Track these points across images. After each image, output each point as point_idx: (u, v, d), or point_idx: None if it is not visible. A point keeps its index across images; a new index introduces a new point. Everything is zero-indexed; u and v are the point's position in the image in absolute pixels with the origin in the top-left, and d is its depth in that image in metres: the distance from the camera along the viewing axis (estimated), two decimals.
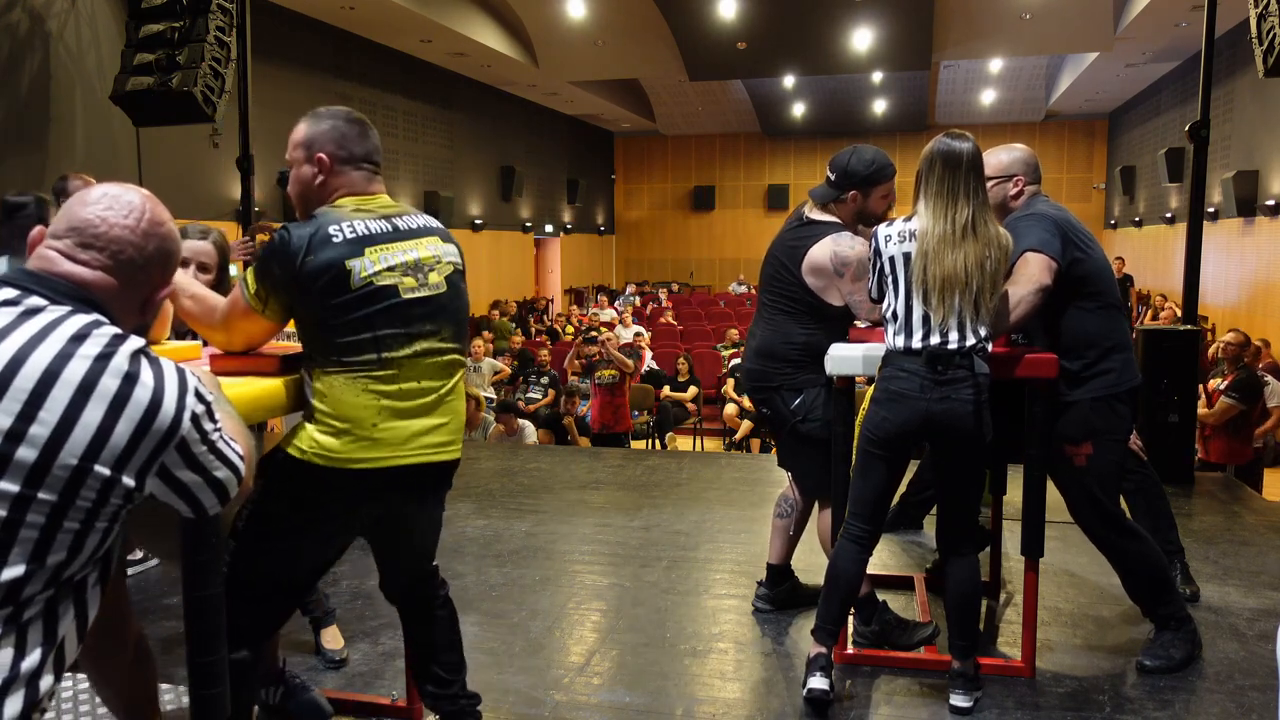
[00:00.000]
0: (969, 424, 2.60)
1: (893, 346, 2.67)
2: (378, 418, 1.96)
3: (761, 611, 3.44)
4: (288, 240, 1.94)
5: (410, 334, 2.00)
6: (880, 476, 2.73)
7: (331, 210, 2.01)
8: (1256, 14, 5.35)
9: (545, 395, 9.35)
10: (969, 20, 13.53)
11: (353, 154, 2.07)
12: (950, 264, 2.56)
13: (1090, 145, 21.42)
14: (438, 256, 2.08)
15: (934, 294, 2.58)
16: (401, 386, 1.98)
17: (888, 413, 2.66)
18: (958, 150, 2.61)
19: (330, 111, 2.10)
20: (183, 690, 2.80)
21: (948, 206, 2.59)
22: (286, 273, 1.93)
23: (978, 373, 2.60)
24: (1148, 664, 2.98)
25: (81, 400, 1.25)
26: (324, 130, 2.06)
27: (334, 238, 1.94)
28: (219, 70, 6.59)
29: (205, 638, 1.81)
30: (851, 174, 3.06)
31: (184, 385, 1.36)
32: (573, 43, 14.35)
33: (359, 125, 2.09)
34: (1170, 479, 5.25)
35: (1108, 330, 2.90)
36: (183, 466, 1.37)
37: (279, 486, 2.01)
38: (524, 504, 4.93)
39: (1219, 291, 12.43)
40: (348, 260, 1.93)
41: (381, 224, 2.02)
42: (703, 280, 23.07)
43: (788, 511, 3.36)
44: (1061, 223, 2.84)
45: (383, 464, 1.98)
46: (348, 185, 2.07)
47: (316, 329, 1.97)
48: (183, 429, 1.34)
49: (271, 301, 1.98)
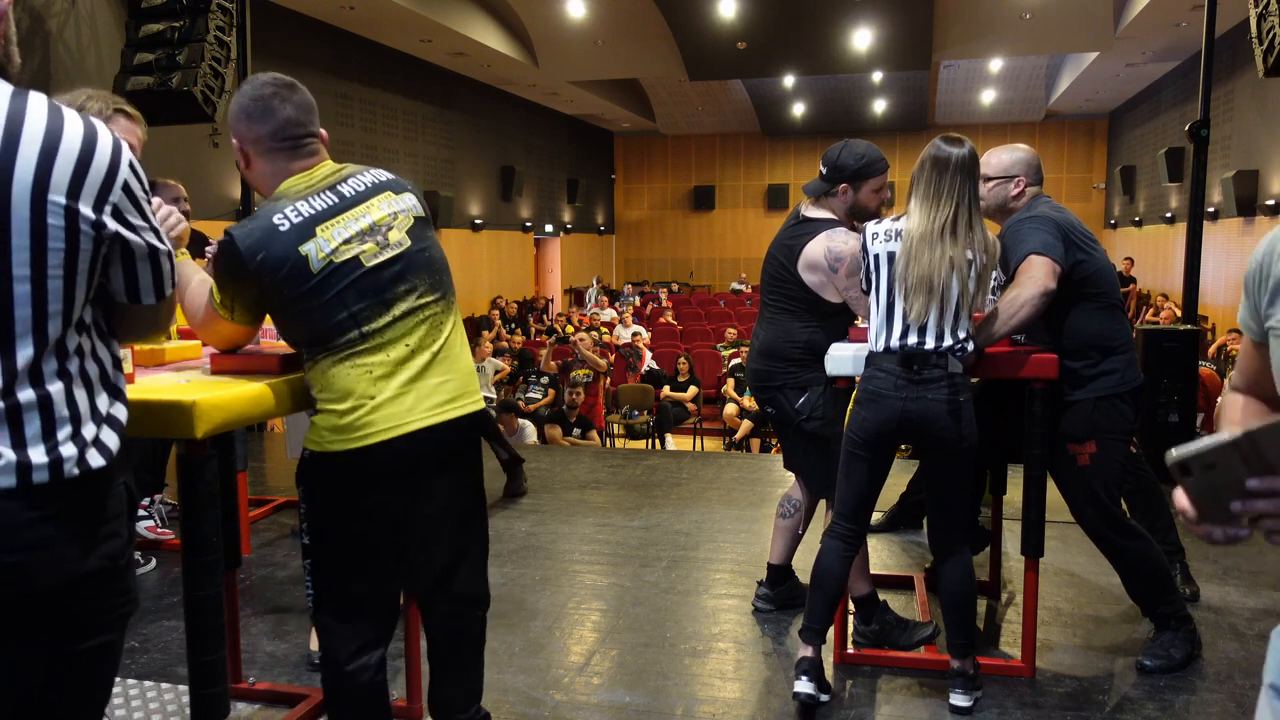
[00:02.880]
0: (944, 424, 2.61)
1: (872, 346, 2.70)
2: (374, 389, 1.89)
3: (761, 611, 3.44)
4: (234, 244, 1.86)
5: (386, 300, 1.91)
6: (862, 476, 2.75)
7: (272, 202, 1.91)
8: (1256, 14, 5.35)
9: (545, 395, 9.35)
10: (969, 20, 13.52)
11: (260, 136, 1.92)
12: (926, 263, 2.58)
13: (1090, 145, 21.42)
14: (394, 213, 1.97)
15: (911, 293, 2.61)
16: (390, 354, 1.91)
17: (867, 413, 2.68)
18: (946, 153, 2.63)
19: (245, 86, 1.94)
20: (183, 690, 2.80)
21: (931, 207, 2.62)
22: (241, 276, 1.88)
23: (951, 373, 2.61)
24: (1148, 664, 2.98)
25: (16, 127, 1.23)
26: (235, 113, 1.94)
27: (280, 227, 1.86)
28: (219, 70, 6.59)
29: (205, 637, 1.81)
30: (841, 167, 3.08)
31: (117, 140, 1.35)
32: (572, 42, 14.35)
33: (263, 101, 1.92)
34: (1170, 479, 5.25)
35: (1111, 330, 2.91)
36: (134, 213, 1.35)
37: (316, 489, 1.98)
38: (524, 504, 4.93)
39: (1219, 291, 12.43)
40: (300, 246, 1.85)
41: (327, 196, 1.92)
42: (702, 280, 23.07)
43: (790, 512, 3.36)
44: (1063, 225, 2.84)
45: (394, 433, 1.90)
46: (274, 169, 1.94)
47: (292, 320, 1.93)
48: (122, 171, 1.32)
49: (238, 307, 1.95)
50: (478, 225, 16.14)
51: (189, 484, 1.81)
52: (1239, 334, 8.11)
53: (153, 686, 2.87)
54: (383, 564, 2.02)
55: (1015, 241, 2.82)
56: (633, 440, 9.20)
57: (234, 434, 2.43)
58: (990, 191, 3.00)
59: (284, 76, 1.98)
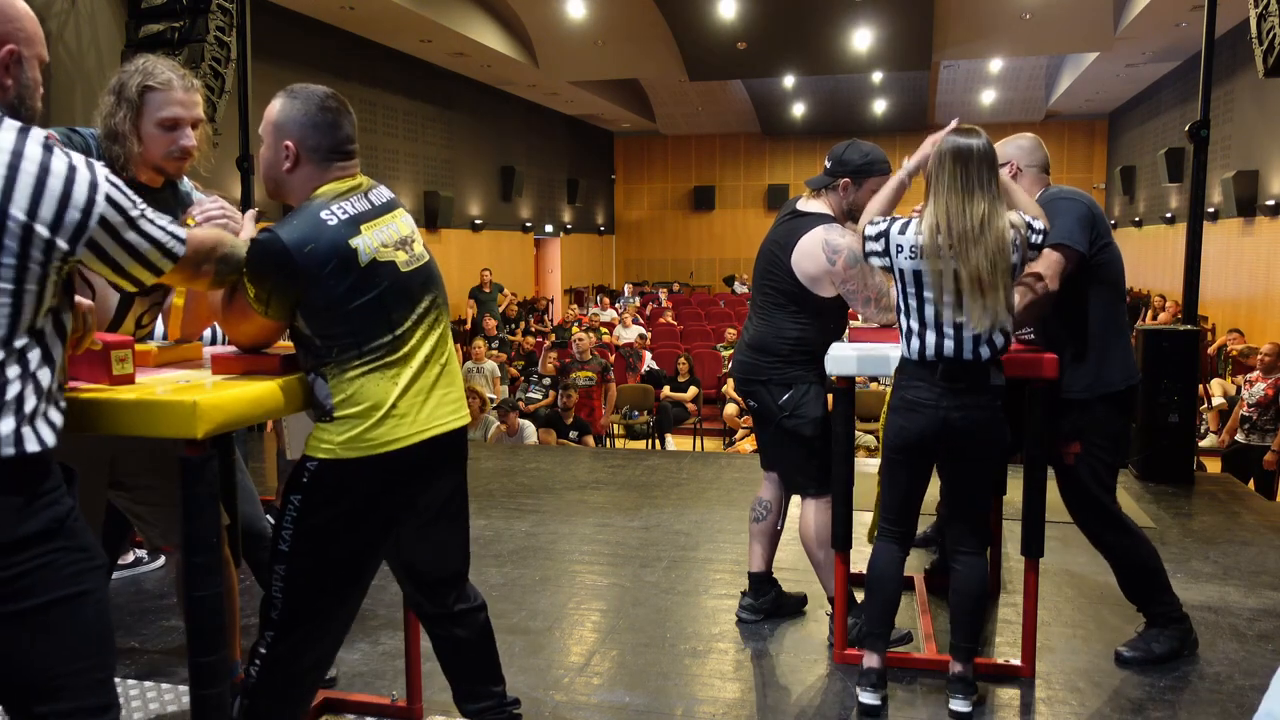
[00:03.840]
0: (987, 434, 2.59)
1: (908, 354, 2.64)
2: (398, 398, 1.98)
3: (746, 622, 3.38)
4: (277, 239, 1.89)
5: (413, 305, 2.03)
6: (904, 481, 2.72)
7: (313, 202, 1.97)
8: (1256, 14, 5.35)
9: (545, 395, 9.35)
10: (969, 20, 13.52)
11: (320, 145, 2.01)
12: (975, 264, 2.49)
13: (1090, 145, 21.42)
14: (411, 227, 2.11)
15: (968, 297, 2.50)
16: (412, 364, 2.01)
17: (905, 421, 2.64)
18: (967, 145, 2.54)
19: (307, 94, 2.03)
20: (183, 690, 2.80)
21: (964, 201, 2.51)
22: (286, 269, 1.89)
23: (994, 384, 2.58)
24: (1125, 654, 3.01)
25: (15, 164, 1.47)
26: (296, 116, 2.01)
27: (328, 221, 1.93)
28: (219, 70, 6.59)
29: (205, 637, 1.81)
30: (845, 162, 3.08)
31: (94, 169, 1.56)
32: (572, 43, 14.35)
33: (332, 112, 2.03)
34: (1170, 479, 5.25)
35: (1114, 325, 2.90)
36: (111, 242, 1.58)
37: (319, 498, 1.97)
38: (524, 504, 4.93)
39: (1219, 291, 12.42)
40: (350, 240, 1.93)
41: (363, 201, 2.02)
42: (703, 280, 23.07)
43: (763, 514, 3.32)
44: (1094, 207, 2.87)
45: (410, 441, 1.99)
46: (319, 177, 2.02)
47: (331, 318, 1.93)
48: (98, 206, 1.54)
49: (274, 303, 1.95)
50: (478, 225, 16.14)
51: (189, 484, 1.81)
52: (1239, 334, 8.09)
53: (153, 686, 2.87)
54: (365, 579, 2.10)
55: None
56: (633, 440, 9.20)
57: (232, 435, 2.43)
58: None
59: (334, 91, 2.10)
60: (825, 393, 3.14)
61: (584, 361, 8.73)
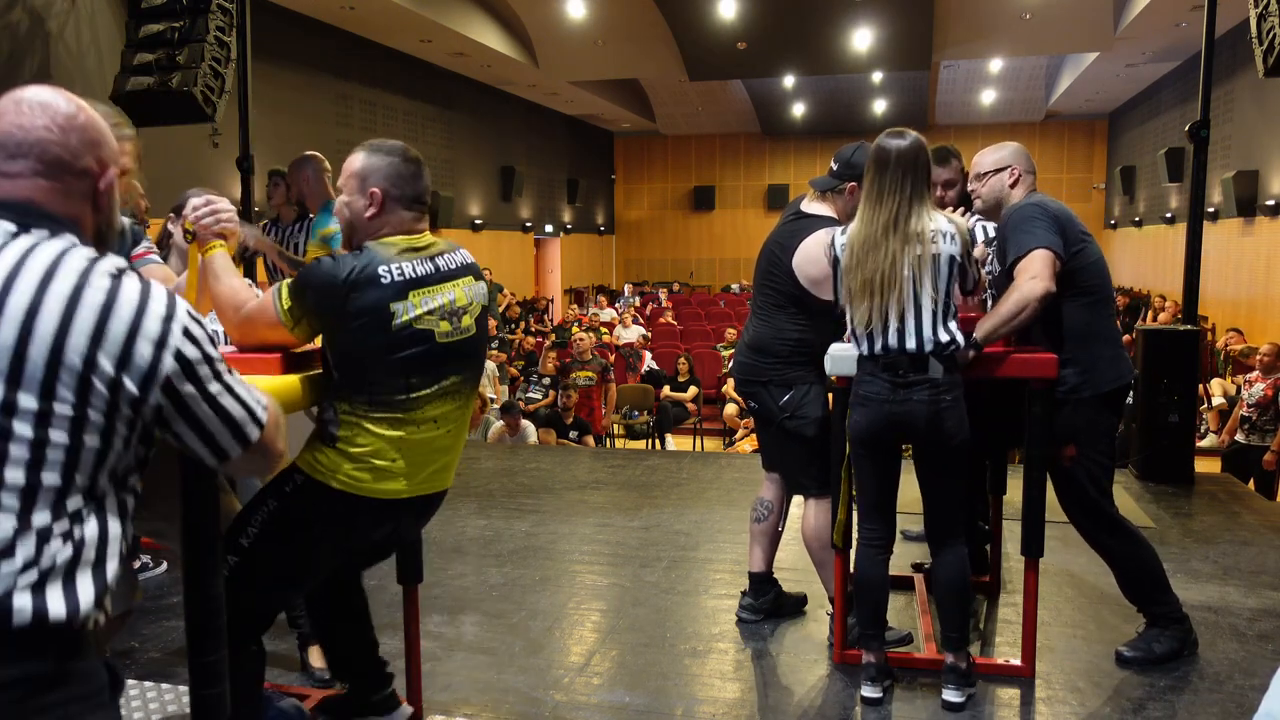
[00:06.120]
0: (929, 425, 2.63)
1: (861, 350, 2.72)
2: (398, 454, 2.03)
3: (745, 621, 3.39)
4: (335, 272, 1.95)
5: (437, 376, 2.06)
6: (869, 477, 2.78)
7: (380, 248, 2.02)
8: (1256, 14, 5.35)
9: (545, 395, 9.35)
10: (969, 20, 13.52)
11: (404, 194, 2.09)
12: (872, 268, 2.59)
13: (1090, 145, 21.41)
14: (470, 298, 2.13)
15: (856, 298, 2.64)
16: (421, 425, 2.05)
17: (858, 415, 2.73)
18: (887, 149, 2.62)
19: (389, 147, 2.13)
20: (183, 690, 2.80)
21: (873, 208, 2.63)
22: (326, 303, 1.96)
23: (932, 375, 2.61)
24: (1125, 654, 3.01)
25: (73, 305, 1.26)
26: (381, 166, 2.09)
27: (382, 278, 1.97)
28: (219, 70, 6.58)
29: (205, 638, 1.81)
30: (854, 166, 3.07)
31: (173, 298, 1.36)
32: (572, 43, 14.35)
33: (415, 165, 2.12)
34: (1170, 479, 5.25)
35: (1094, 328, 2.90)
36: (190, 389, 1.35)
37: (293, 509, 2.04)
38: (524, 504, 4.93)
39: (1219, 291, 12.42)
40: (392, 304, 1.97)
41: (427, 265, 2.05)
42: (702, 280, 23.07)
43: (764, 515, 3.33)
44: (1061, 215, 2.85)
45: (397, 496, 2.06)
46: (397, 224, 2.08)
47: (354, 361, 2.01)
48: (173, 337, 1.32)
49: (304, 322, 2.01)
50: (478, 225, 16.14)
51: (189, 484, 1.81)
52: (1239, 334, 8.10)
53: (153, 687, 2.87)
54: (306, 588, 2.26)
55: (1017, 232, 2.81)
56: (633, 440, 9.20)
57: None
58: (986, 187, 3.00)
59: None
60: (826, 393, 3.14)
61: (584, 361, 8.73)
